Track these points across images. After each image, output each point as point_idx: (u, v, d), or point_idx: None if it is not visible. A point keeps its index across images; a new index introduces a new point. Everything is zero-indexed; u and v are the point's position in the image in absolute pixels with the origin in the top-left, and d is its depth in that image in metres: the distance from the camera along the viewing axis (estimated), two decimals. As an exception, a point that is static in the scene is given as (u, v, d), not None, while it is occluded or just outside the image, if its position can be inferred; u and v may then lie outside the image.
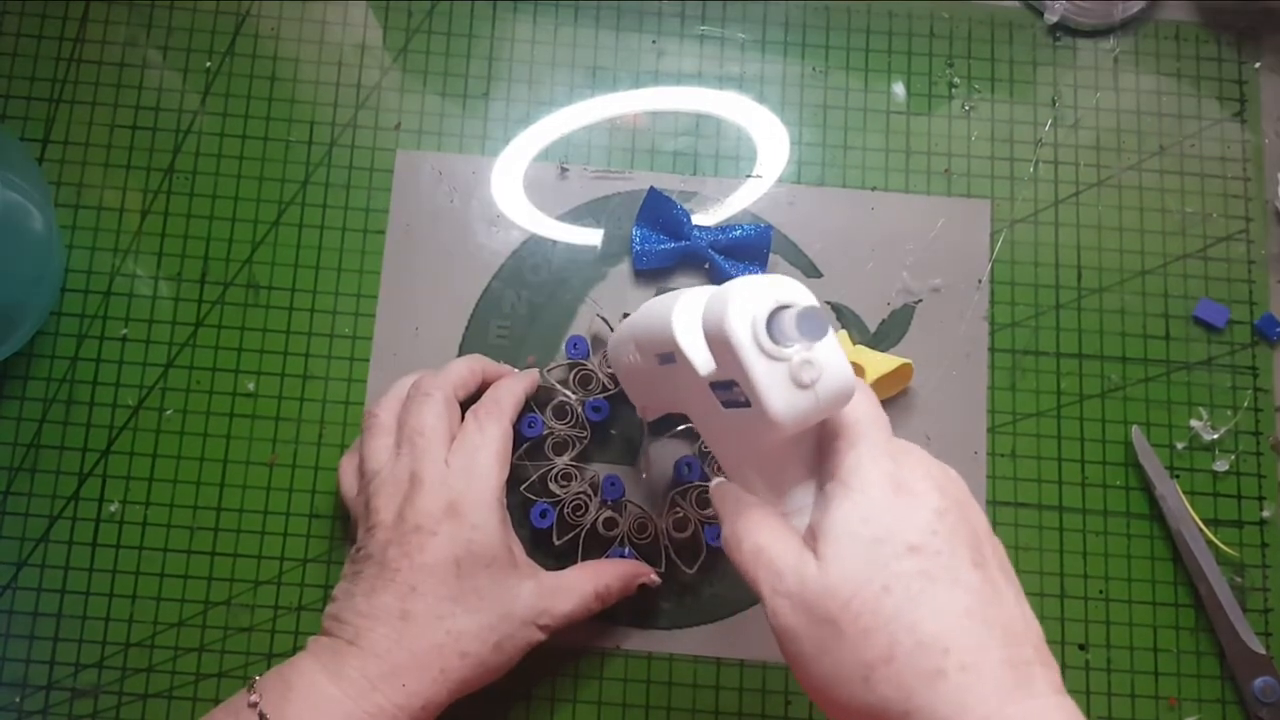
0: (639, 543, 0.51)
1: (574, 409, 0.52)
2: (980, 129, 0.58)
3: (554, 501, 0.51)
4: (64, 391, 0.54)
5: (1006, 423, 0.55)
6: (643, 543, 0.51)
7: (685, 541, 0.51)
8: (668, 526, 0.51)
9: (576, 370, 0.52)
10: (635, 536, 0.51)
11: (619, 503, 0.51)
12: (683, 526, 0.51)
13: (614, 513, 0.51)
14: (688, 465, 0.52)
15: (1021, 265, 0.57)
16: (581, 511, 0.51)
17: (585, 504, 0.51)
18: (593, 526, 0.51)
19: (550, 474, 0.51)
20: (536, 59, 0.58)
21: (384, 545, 0.45)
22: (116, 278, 0.55)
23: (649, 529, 0.51)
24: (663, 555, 0.51)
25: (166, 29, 0.57)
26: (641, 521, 0.51)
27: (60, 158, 0.56)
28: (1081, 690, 0.52)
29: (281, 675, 0.43)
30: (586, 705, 0.52)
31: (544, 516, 0.50)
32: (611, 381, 0.52)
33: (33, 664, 0.51)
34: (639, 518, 0.51)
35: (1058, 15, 0.59)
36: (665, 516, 0.51)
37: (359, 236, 0.56)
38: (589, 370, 0.52)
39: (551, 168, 0.57)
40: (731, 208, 0.57)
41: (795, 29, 0.59)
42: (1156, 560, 0.54)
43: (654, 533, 0.51)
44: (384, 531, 0.45)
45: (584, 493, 0.51)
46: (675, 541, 0.51)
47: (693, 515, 0.51)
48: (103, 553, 0.52)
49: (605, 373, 0.52)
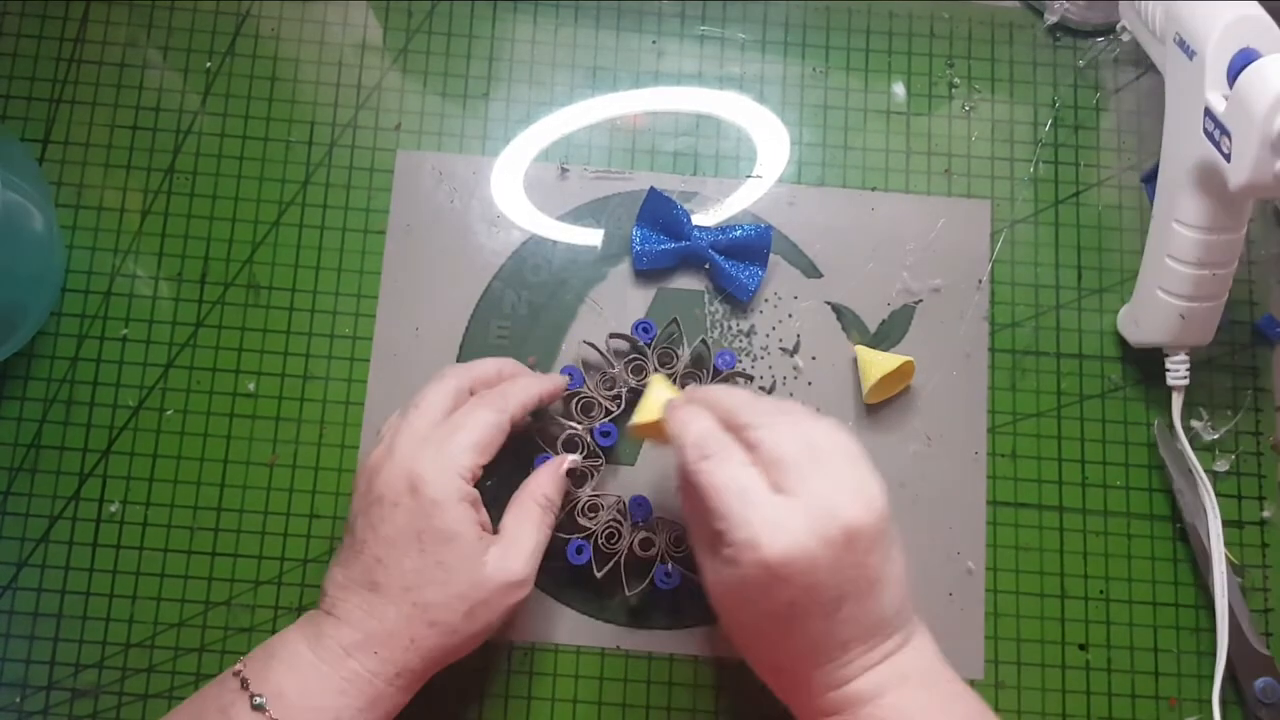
0: (676, 556, 0.51)
1: (583, 439, 0.51)
2: (980, 129, 0.58)
3: (586, 535, 0.50)
4: (64, 392, 0.54)
5: (1007, 423, 0.55)
6: (679, 555, 0.51)
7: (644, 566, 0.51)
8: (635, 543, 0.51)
9: (577, 400, 0.52)
10: (673, 550, 0.51)
11: (650, 521, 0.51)
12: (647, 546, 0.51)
13: (649, 532, 0.51)
14: None
15: (1022, 265, 0.57)
16: (616, 539, 0.50)
17: (618, 530, 0.51)
18: (630, 550, 0.51)
19: (576, 509, 0.51)
20: (537, 59, 0.58)
21: (354, 516, 0.45)
22: (117, 278, 0.55)
23: (684, 543, 0.51)
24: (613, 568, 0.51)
25: (167, 29, 0.57)
26: (677, 536, 0.51)
27: (61, 158, 0.56)
28: (1082, 690, 0.52)
29: (266, 646, 0.44)
30: (586, 705, 0.52)
31: (580, 553, 0.50)
32: (614, 402, 0.52)
33: (33, 664, 0.51)
34: (674, 531, 0.51)
35: (1058, 16, 0.59)
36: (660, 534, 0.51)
37: (359, 237, 0.56)
38: (589, 397, 0.52)
39: (552, 168, 0.57)
40: (732, 208, 0.57)
41: (795, 29, 0.59)
42: (1157, 560, 0.54)
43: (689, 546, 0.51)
44: (356, 500, 0.46)
45: (614, 520, 0.51)
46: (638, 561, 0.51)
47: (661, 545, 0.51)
48: (103, 553, 0.52)
49: (604, 396, 0.52)
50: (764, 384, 0.55)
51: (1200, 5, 0.48)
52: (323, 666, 0.43)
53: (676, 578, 0.50)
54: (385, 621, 0.43)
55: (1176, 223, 0.50)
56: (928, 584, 0.53)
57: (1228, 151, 0.45)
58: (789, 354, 0.55)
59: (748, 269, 0.55)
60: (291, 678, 0.42)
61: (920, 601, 0.52)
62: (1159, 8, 0.51)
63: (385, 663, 0.43)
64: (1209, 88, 0.47)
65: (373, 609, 0.44)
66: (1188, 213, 0.49)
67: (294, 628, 0.45)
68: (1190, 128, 0.48)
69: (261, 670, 0.43)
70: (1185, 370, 0.53)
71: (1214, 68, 0.47)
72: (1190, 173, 0.49)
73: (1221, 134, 0.46)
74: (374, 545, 0.44)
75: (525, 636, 0.52)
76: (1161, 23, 0.51)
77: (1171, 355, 0.54)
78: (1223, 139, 0.46)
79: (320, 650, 0.43)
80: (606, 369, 0.53)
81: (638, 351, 0.53)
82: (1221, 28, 0.47)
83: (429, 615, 0.44)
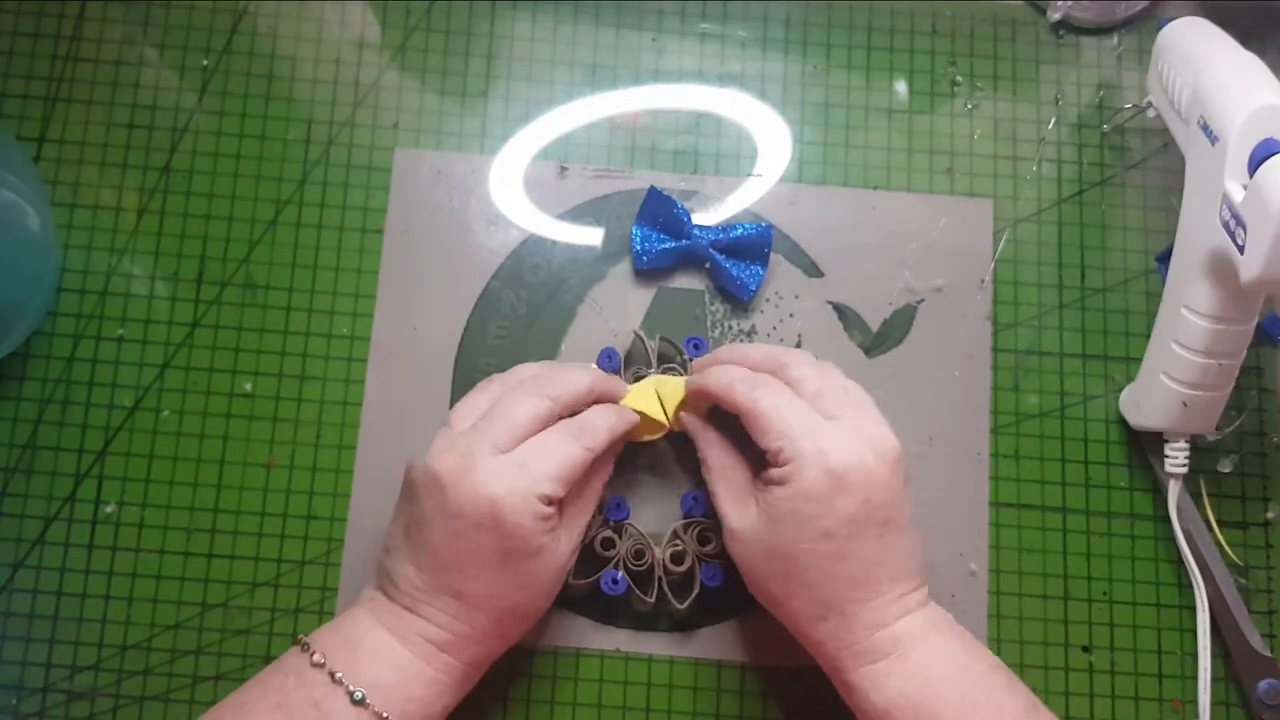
0: (634, 569, 0.50)
1: None
2: (983, 127, 0.58)
3: (615, 563, 0.50)
4: (60, 392, 0.53)
5: (1010, 423, 0.55)
6: (639, 569, 0.50)
7: (681, 576, 0.51)
8: (665, 559, 0.51)
9: None
10: (632, 562, 0.50)
11: (620, 524, 0.51)
12: (680, 560, 0.50)
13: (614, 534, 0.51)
14: (694, 499, 0.51)
15: (1024, 265, 0.56)
16: (643, 558, 0.50)
17: (644, 550, 0.51)
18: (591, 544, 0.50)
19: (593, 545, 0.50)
20: (536, 57, 0.58)
21: (430, 519, 0.44)
22: (113, 277, 0.54)
23: (646, 557, 0.50)
24: (655, 587, 0.50)
25: (163, 27, 0.57)
26: (640, 549, 0.51)
27: (56, 157, 0.55)
28: (1085, 693, 0.52)
29: (341, 634, 0.44)
30: (586, 709, 0.51)
31: (616, 583, 0.50)
32: None
33: (29, 666, 0.51)
34: (638, 544, 0.51)
35: (1060, 13, 0.59)
36: (665, 547, 0.51)
37: (357, 236, 0.55)
38: None
39: (551, 166, 0.56)
40: (732, 207, 0.56)
41: (796, 27, 0.59)
42: (1160, 562, 0.54)
43: (651, 562, 0.51)
44: (425, 501, 0.44)
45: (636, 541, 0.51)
46: (671, 574, 0.51)
47: (691, 550, 0.50)
48: (99, 554, 0.52)
49: None
50: (765, 384, 0.55)
51: (1227, 90, 0.47)
52: (416, 661, 0.44)
53: (718, 575, 0.50)
54: (476, 626, 0.44)
55: (1186, 309, 0.48)
56: (930, 586, 0.53)
57: (1242, 244, 0.44)
58: (790, 354, 0.55)
59: (749, 268, 0.54)
60: (387, 670, 0.43)
61: (922, 603, 0.53)
62: (1186, 88, 0.50)
63: (478, 655, 0.45)
64: (1229, 176, 0.45)
65: (459, 615, 0.44)
66: (1198, 300, 0.48)
67: (371, 616, 0.45)
68: (1208, 214, 0.47)
69: (349, 661, 0.43)
70: (1185, 458, 0.52)
71: (1235, 156, 0.45)
72: (1204, 260, 0.47)
73: (1237, 225, 0.44)
74: (454, 558, 0.44)
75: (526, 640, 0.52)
76: (1187, 104, 0.50)
77: (1172, 442, 0.52)
78: (1238, 230, 0.44)
79: (410, 645, 0.44)
80: None
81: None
82: (1246, 115, 0.45)
83: (519, 611, 0.45)
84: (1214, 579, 0.52)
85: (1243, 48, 0.50)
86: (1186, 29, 0.52)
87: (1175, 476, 0.53)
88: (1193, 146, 0.49)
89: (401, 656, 0.44)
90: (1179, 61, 0.51)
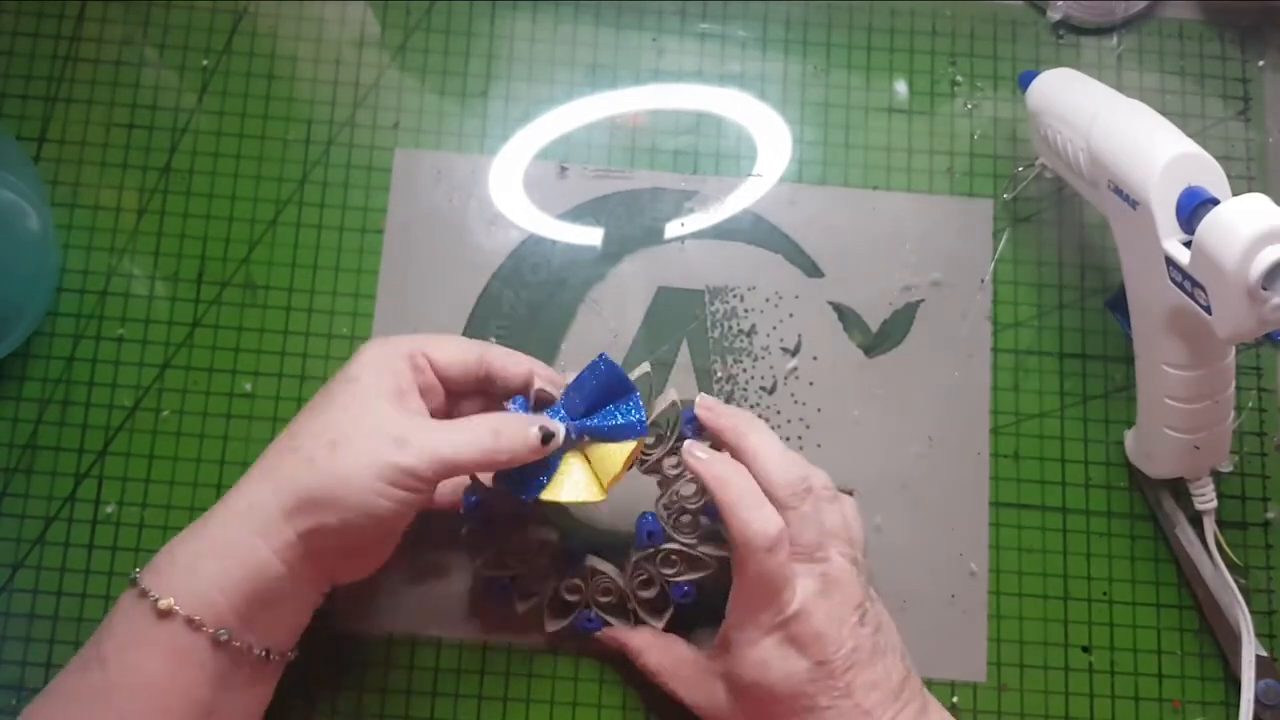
0: (604, 603, 0.50)
1: None
2: (983, 127, 0.58)
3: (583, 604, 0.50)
4: (60, 392, 0.53)
5: (1010, 423, 0.55)
6: (609, 602, 0.50)
7: (651, 600, 0.50)
8: (633, 588, 0.50)
9: None
10: (600, 598, 0.50)
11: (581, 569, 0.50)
12: (648, 585, 0.50)
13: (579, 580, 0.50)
14: (649, 534, 0.49)
15: (1024, 265, 0.56)
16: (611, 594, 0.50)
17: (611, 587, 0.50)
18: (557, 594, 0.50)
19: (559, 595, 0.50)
20: (536, 57, 0.58)
21: None
22: (113, 277, 0.54)
23: (614, 593, 0.50)
24: (631, 616, 0.50)
25: (163, 27, 0.57)
26: (606, 586, 0.50)
27: (56, 156, 0.55)
28: (1085, 693, 0.52)
29: None
30: (586, 708, 0.51)
31: (591, 621, 0.50)
32: None
33: (29, 666, 0.51)
34: (603, 583, 0.50)
35: (1060, 13, 0.59)
36: (630, 579, 0.50)
37: (357, 236, 0.55)
38: None
39: (551, 167, 0.56)
40: (732, 207, 0.56)
41: (796, 26, 0.59)
42: (1160, 562, 0.54)
43: (619, 595, 0.50)
44: None
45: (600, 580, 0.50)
46: (642, 600, 0.50)
47: (657, 576, 0.49)
48: (99, 554, 0.52)
49: None
50: (765, 384, 0.55)
51: (1129, 152, 0.45)
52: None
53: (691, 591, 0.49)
54: (260, 465, 0.42)
55: (1167, 366, 0.47)
56: (930, 586, 0.53)
57: (1206, 304, 0.42)
58: (790, 354, 0.55)
59: (623, 406, 0.46)
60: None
61: (922, 604, 0.53)
62: (1080, 153, 0.48)
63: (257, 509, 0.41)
64: (1164, 237, 0.44)
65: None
66: (1174, 356, 0.47)
67: None
68: (1152, 272, 0.45)
69: None
70: (1212, 493, 0.51)
71: (1164, 216, 0.44)
72: (1166, 317, 0.46)
73: (1193, 286, 0.43)
74: None
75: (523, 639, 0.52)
76: (1089, 168, 0.48)
77: (1194, 483, 0.51)
78: (1196, 291, 0.43)
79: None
80: None
81: None
82: (1159, 173, 0.43)
83: (294, 442, 0.41)
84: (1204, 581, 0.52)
85: (1120, 94, 0.49)
86: (1054, 86, 0.51)
87: (1207, 513, 0.52)
88: (1111, 209, 0.48)
89: None
90: (1060, 124, 0.49)
